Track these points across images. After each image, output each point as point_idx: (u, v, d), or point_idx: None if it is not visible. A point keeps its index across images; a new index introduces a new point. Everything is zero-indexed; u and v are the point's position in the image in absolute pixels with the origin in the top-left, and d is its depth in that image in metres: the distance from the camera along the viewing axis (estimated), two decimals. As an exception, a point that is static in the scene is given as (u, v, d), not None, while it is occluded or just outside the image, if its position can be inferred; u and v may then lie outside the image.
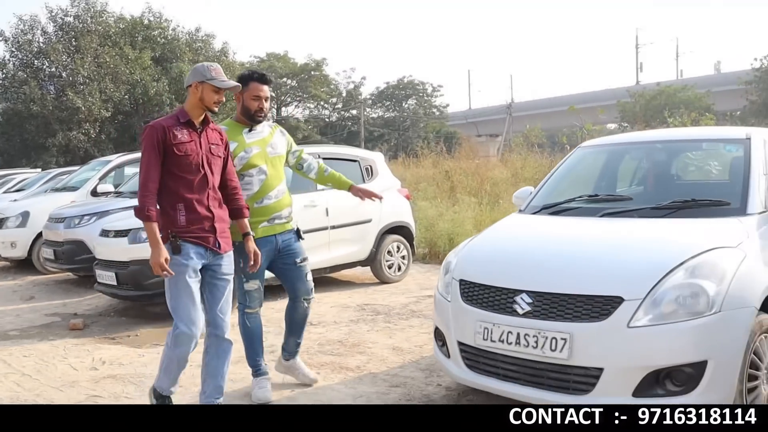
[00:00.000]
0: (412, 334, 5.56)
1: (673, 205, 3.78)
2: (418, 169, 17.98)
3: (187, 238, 3.46)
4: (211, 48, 29.91)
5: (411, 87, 52.39)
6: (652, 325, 2.99)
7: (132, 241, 6.53)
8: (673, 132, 5.15)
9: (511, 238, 3.98)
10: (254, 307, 4.17)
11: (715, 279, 3.07)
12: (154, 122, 3.54)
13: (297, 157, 4.37)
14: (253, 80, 4.09)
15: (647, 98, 37.35)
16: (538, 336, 3.15)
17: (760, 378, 3.23)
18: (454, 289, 3.68)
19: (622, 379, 3.02)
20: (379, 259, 7.98)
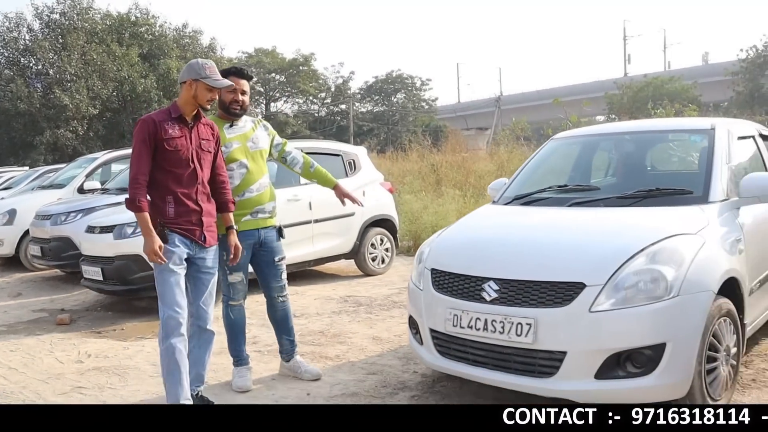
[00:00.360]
0: (393, 324, 5.67)
1: (638, 194, 3.90)
2: (405, 163, 18.09)
3: (174, 229, 3.55)
4: (198, 44, 29.92)
5: (400, 81, 52.44)
6: (612, 309, 3.11)
7: (117, 236, 6.60)
8: (641, 123, 5.27)
9: (481, 228, 4.10)
10: (238, 300, 4.26)
11: (674, 264, 3.19)
12: (145, 116, 3.61)
13: (280, 150, 4.45)
14: (230, 74, 4.17)
15: (635, 90, 37.53)
16: (505, 322, 3.26)
17: (719, 360, 3.36)
18: (426, 278, 3.78)
19: (584, 361, 3.13)
20: (362, 251, 8.08)
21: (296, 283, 7.70)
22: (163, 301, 3.53)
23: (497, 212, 4.31)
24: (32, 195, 10.50)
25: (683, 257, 3.23)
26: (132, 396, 4.19)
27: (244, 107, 4.21)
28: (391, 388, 4.07)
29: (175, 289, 3.52)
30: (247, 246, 4.16)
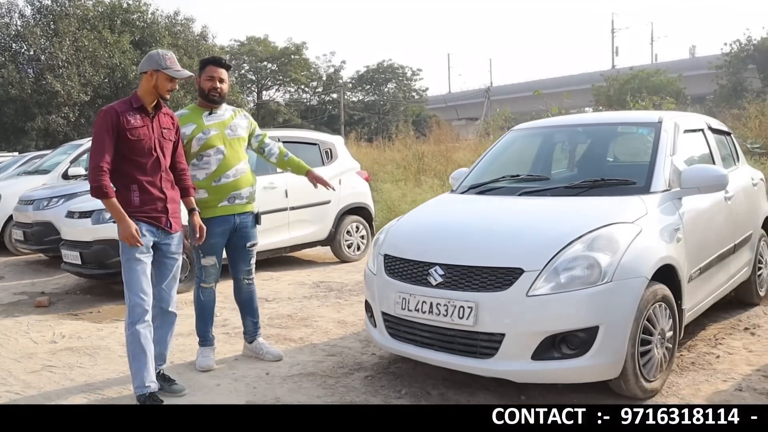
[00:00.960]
0: (359, 309, 5.78)
1: (584, 184, 4.03)
2: (391, 152, 18.18)
3: (140, 218, 3.62)
4: (190, 32, 29.76)
5: (390, 71, 52.34)
6: (548, 294, 3.23)
7: (96, 221, 6.69)
8: (594, 116, 5.39)
9: (433, 216, 4.22)
10: (209, 283, 4.36)
11: (609, 251, 3.32)
12: (107, 107, 3.67)
13: (260, 141, 4.54)
14: (208, 63, 4.31)
15: (621, 82, 37.59)
16: (448, 305, 3.38)
17: (652, 342, 3.50)
18: (379, 264, 3.91)
19: (521, 343, 3.26)
20: (338, 239, 8.20)
21: (272, 269, 7.83)
22: (129, 288, 3.61)
23: (452, 200, 4.44)
24: (17, 180, 10.55)
25: (618, 245, 3.35)
26: (100, 374, 4.30)
27: (222, 94, 4.30)
28: (348, 369, 4.20)
29: (141, 277, 3.60)
30: (222, 232, 4.27)
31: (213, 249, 4.28)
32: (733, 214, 4.71)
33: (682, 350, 4.35)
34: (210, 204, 4.22)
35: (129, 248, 3.58)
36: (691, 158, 4.46)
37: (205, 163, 4.21)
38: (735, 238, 4.73)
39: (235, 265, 4.46)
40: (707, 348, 4.43)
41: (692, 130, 4.65)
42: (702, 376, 3.94)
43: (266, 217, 6.64)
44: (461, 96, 59.59)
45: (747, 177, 5.33)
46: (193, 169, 4.21)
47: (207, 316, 4.43)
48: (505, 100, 46.32)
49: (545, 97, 18.84)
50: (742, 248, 4.92)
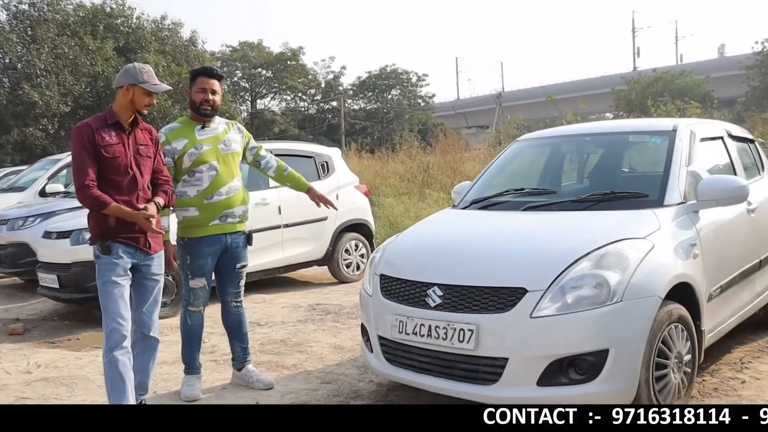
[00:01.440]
0: (357, 333, 5.79)
1: (592, 197, 4.09)
2: (394, 164, 18.27)
3: (117, 239, 3.70)
4: (178, 37, 30.04)
5: (394, 76, 52.62)
6: (554, 315, 3.28)
7: (74, 242, 6.76)
8: (604, 124, 5.47)
9: (431, 234, 4.28)
10: (197, 306, 4.43)
11: (619, 269, 3.36)
12: (80, 123, 3.76)
13: (255, 154, 4.62)
14: (200, 75, 4.39)
15: (643, 85, 37.77)
16: (448, 328, 3.43)
17: (668, 366, 3.53)
18: (375, 284, 3.97)
19: (526, 368, 3.30)
20: (336, 258, 8.27)
21: (265, 291, 7.89)
22: (106, 313, 3.67)
23: (452, 217, 4.50)
24: (-9, 198, 10.64)
25: (628, 262, 3.40)
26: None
27: (215, 107, 4.38)
28: (343, 397, 4.25)
29: (119, 301, 3.66)
30: (212, 252, 4.34)
31: (202, 270, 4.35)
32: (758, 227, 4.75)
33: (704, 375, 4.39)
34: (201, 222, 4.29)
35: (105, 271, 3.66)
36: (709, 168, 4.52)
37: (197, 180, 4.28)
38: (760, 253, 4.76)
39: (223, 287, 4.53)
40: (732, 372, 4.46)
41: (710, 138, 4.70)
42: (725, 402, 3.97)
43: (258, 236, 6.71)
44: (470, 102, 59.89)
45: (773, 187, 5.36)
46: (184, 185, 4.29)
47: (194, 341, 4.49)
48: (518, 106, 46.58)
49: (560, 102, 18.95)
50: (769, 264, 4.95)
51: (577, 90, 44.19)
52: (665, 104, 17.05)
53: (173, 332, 5.82)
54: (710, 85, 37.55)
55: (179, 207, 4.32)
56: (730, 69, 43.73)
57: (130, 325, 3.74)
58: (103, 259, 3.69)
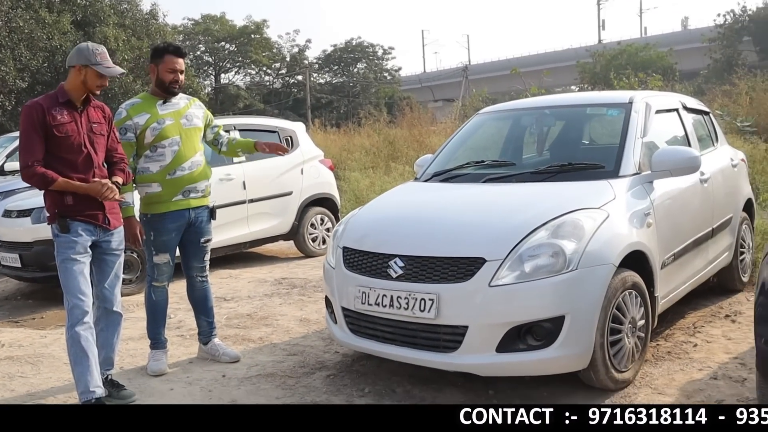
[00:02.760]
0: (323, 306, 5.87)
1: (551, 169, 4.20)
2: (360, 138, 18.28)
3: (75, 218, 3.70)
4: (138, 10, 29.41)
5: (360, 50, 52.30)
6: (512, 283, 3.40)
7: (36, 220, 6.70)
8: (563, 97, 5.59)
9: (394, 206, 4.37)
10: (161, 281, 4.46)
11: (574, 238, 3.48)
12: (31, 102, 3.74)
13: (215, 133, 4.64)
14: (168, 53, 4.37)
15: (607, 58, 38.05)
16: (409, 298, 3.53)
17: (623, 332, 3.68)
18: (338, 257, 4.04)
19: (485, 335, 3.41)
20: (301, 232, 8.31)
21: (231, 266, 7.92)
22: (67, 290, 3.70)
23: (414, 189, 4.59)
24: (-53, 177, 10.44)
25: (584, 231, 3.52)
26: (43, 383, 4.37)
27: (181, 85, 4.42)
28: (309, 368, 4.33)
29: (78, 277, 3.69)
30: (176, 228, 4.37)
31: (166, 246, 4.38)
32: (711, 197, 4.91)
33: (658, 339, 4.55)
34: (164, 198, 4.31)
35: (64, 249, 3.68)
36: (664, 140, 4.65)
37: (159, 155, 4.29)
38: (713, 222, 4.93)
39: (187, 262, 4.57)
40: (685, 337, 4.64)
41: (666, 110, 4.83)
42: (677, 365, 4.14)
43: (223, 211, 6.76)
44: (437, 75, 59.89)
45: (726, 158, 5.53)
46: (146, 161, 4.30)
47: (159, 317, 4.53)
48: (484, 79, 46.59)
49: (525, 75, 19.13)
50: (722, 232, 5.13)
51: (543, 63, 44.44)
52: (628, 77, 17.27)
53: (139, 309, 5.83)
54: (673, 57, 38.01)
55: (141, 183, 4.33)
56: (693, 42, 44.28)
57: (91, 301, 3.77)
58: (62, 238, 3.71)
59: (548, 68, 28.43)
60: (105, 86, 3.80)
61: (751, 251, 5.81)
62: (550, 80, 24.19)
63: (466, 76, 48.69)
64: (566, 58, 48.00)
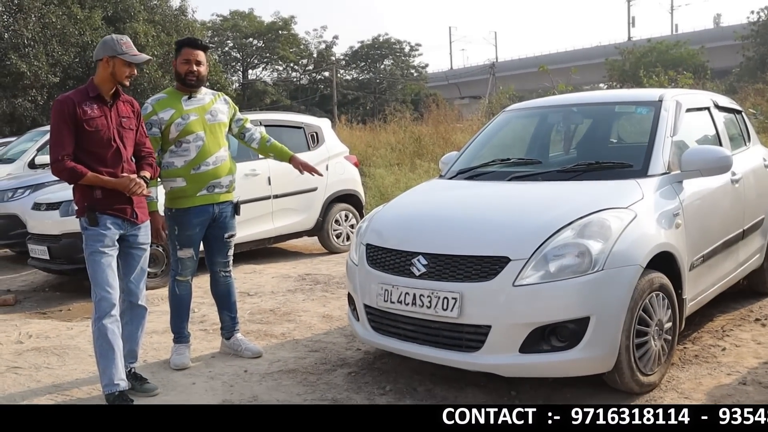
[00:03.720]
0: (346, 302, 5.88)
1: (577, 168, 4.13)
2: (386, 135, 18.25)
3: (104, 211, 3.75)
4: (168, 6, 29.70)
5: (387, 46, 52.21)
6: (536, 283, 3.34)
7: (64, 213, 6.78)
8: (591, 95, 5.50)
9: (417, 204, 4.32)
10: (185, 276, 4.48)
11: (601, 238, 3.42)
12: (62, 96, 3.78)
13: (240, 126, 4.63)
14: (184, 45, 4.41)
15: (637, 55, 37.62)
16: (432, 296, 3.49)
17: (649, 334, 3.60)
18: (361, 254, 4.02)
19: (508, 335, 3.37)
20: (326, 228, 8.32)
21: (255, 261, 7.94)
22: (95, 282, 3.74)
23: (438, 187, 4.55)
24: (-21, 170, 10.61)
25: (610, 231, 3.45)
26: (68, 375, 4.41)
27: (200, 78, 4.40)
28: (331, 365, 4.32)
29: (107, 270, 3.73)
30: (200, 222, 4.38)
31: (190, 240, 4.40)
32: (742, 197, 4.81)
33: (686, 342, 4.47)
34: (188, 193, 4.33)
35: (93, 242, 3.72)
36: (695, 139, 4.56)
37: (184, 150, 4.31)
38: (744, 223, 4.83)
39: (211, 257, 4.57)
40: (713, 340, 4.55)
41: (696, 109, 4.74)
42: (705, 369, 4.05)
43: (248, 207, 6.76)
44: (464, 72, 59.65)
45: (758, 158, 5.41)
46: (171, 156, 4.32)
47: (182, 311, 4.54)
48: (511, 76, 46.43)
49: (553, 73, 18.90)
50: (753, 234, 5.02)
51: (571, 60, 44.03)
52: (658, 75, 17.01)
53: (163, 302, 5.87)
54: (705, 55, 37.46)
55: (166, 178, 4.35)
56: (726, 39, 43.62)
57: (118, 294, 3.79)
58: (91, 231, 3.75)
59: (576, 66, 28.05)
60: (134, 75, 3.82)
61: (784, 254, 5.67)
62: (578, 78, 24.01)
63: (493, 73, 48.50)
64: (595, 56, 47.55)
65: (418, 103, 33.72)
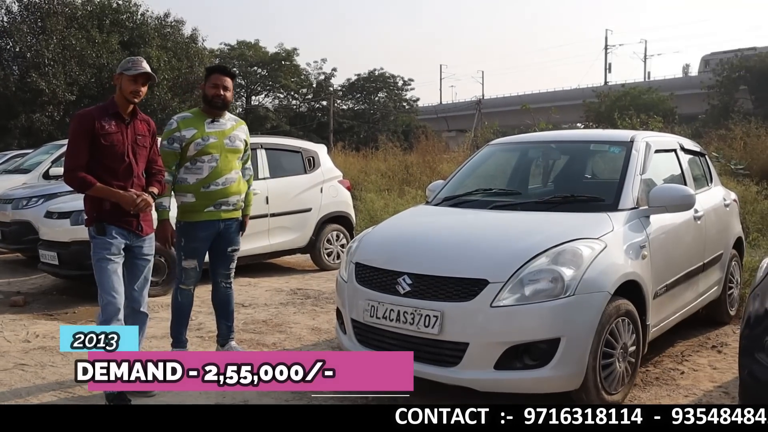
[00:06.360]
0: (335, 316, 5.86)
1: (554, 199, 4.19)
2: (377, 162, 18.32)
3: (111, 222, 3.77)
4: (180, 34, 29.79)
5: (382, 80, 52.43)
6: (512, 305, 3.37)
7: (74, 222, 6.76)
8: (568, 133, 5.58)
9: (405, 227, 4.36)
10: (188, 285, 4.47)
11: (573, 266, 3.46)
12: (83, 111, 3.82)
13: (243, 161, 4.60)
14: (214, 71, 4.48)
15: (612, 99, 37.96)
16: (415, 313, 3.51)
17: (614, 356, 3.63)
18: (350, 272, 4.04)
19: (485, 352, 3.39)
20: (318, 246, 8.32)
21: (250, 275, 7.92)
22: (101, 287, 3.75)
23: (425, 212, 4.59)
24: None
25: (582, 259, 3.50)
26: (71, 374, 4.34)
27: (226, 102, 4.43)
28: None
29: (113, 276, 3.74)
30: (206, 236, 4.40)
31: (195, 252, 4.41)
32: (703, 233, 4.87)
33: (648, 365, 4.49)
34: (196, 208, 4.35)
35: (100, 249, 3.74)
36: (662, 178, 4.62)
37: (198, 168, 4.33)
38: (704, 257, 4.88)
39: (215, 268, 4.58)
40: (673, 364, 4.58)
41: (664, 150, 4.81)
42: (665, 390, 4.08)
43: (247, 223, 6.75)
44: (452, 108, 60.04)
45: (719, 197, 5.49)
46: (186, 172, 4.34)
47: (183, 317, 4.53)
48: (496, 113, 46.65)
49: (535, 111, 19.10)
50: (712, 267, 5.08)
51: (552, 100, 44.40)
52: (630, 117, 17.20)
53: (163, 310, 5.84)
54: (674, 101, 37.90)
55: (178, 192, 4.38)
56: (693, 88, 44.10)
57: (123, 299, 3.79)
58: (98, 240, 3.77)
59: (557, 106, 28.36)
60: (140, 92, 3.78)
61: (739, 286, 5.74)
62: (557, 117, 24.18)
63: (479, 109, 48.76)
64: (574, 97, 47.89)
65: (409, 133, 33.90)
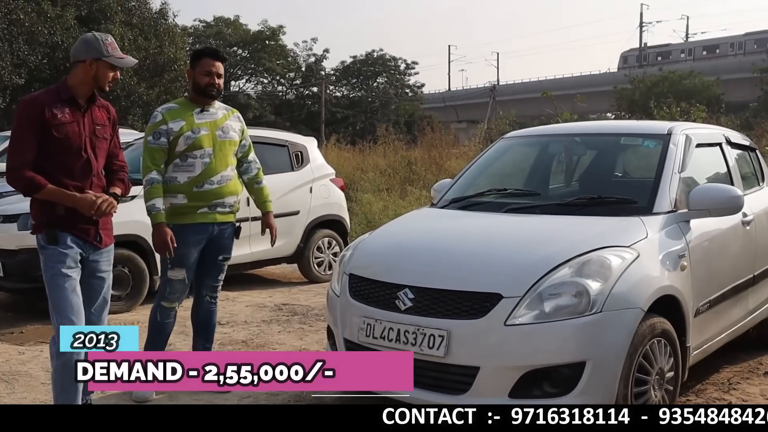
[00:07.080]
0: (325, 336, 5.89)
1: (578, 201, 4.21)
2: (376, 158, 18.37)
3: (66, 229, 3.55)
4: (147, 9, 29.86)
5: (381, 63, 52.57)
6: (529, 323, 3.38)
7: (22, 227, 6.73)
8: (596, 125, 5.61)
9: (406, 233, 4.39)
10: (172, 302, 4.46)
11: (600, 278, 3.46)
12: (30, 96, 3.65)
13: (244, 153, 4.65)
14: (204, 56, 4.46)
15: (648, 85, 38.07)
16: (417, 333, 3.52)
17: (649, 383, 3.63)
18: (344, 284, 4.06)
19: (498, 378, 3.40)
20: (307, 255, 8.33)
21: (229, 288, 7.88)
22: (57, 310, 3.50)
23: (429, 216, 4.61)
24: (-68, 176, 10.57)
25: (611, 270, 3.50)
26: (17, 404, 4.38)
27: (220, 90, 4.46)
28: (306, 402, 4.31)
29: (70, 296, 3.52)
30: (197, 241, 4.39)
31: (183, 261, 4.37)
32: (753, 240, 4.87)
33: (689, 394, 4.50)
34: (188, 210, 4.34)
35: (54, 263, 3.52)
36: (704, 176, 4.63)
37: (189, 165, 4.33)
38: (755, 268, 4.88)
39: (201, 278, 4.57)
40: (718, 393, 4.58)
41: (707, 144, 4.82)
42: (709, 425, 4.07)
43: (223, 228, 6.77)
44: (462, 95, 60.24)
45: (772, 199, 5.48)
46: (175, 170, 4.34)
47: (160, 341, 4.51)
48: (512, 101, 46.82)
49: (557, 99, 19.14)
50: (764, 280, 5.07)
51: (577, 86, 44.44)
52: (669, 106, 17.23)
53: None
54: (720, 87, 37.95)
55: (167, 193, 4.34)
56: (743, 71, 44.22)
57: (82, 322, 3.56)
58: (50, 250, 3.54)
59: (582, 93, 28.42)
60: (117, 79, 3.74)
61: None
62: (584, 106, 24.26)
63: (493, 96, 48.96)
64: (603, 83, 48.15)
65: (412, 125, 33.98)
